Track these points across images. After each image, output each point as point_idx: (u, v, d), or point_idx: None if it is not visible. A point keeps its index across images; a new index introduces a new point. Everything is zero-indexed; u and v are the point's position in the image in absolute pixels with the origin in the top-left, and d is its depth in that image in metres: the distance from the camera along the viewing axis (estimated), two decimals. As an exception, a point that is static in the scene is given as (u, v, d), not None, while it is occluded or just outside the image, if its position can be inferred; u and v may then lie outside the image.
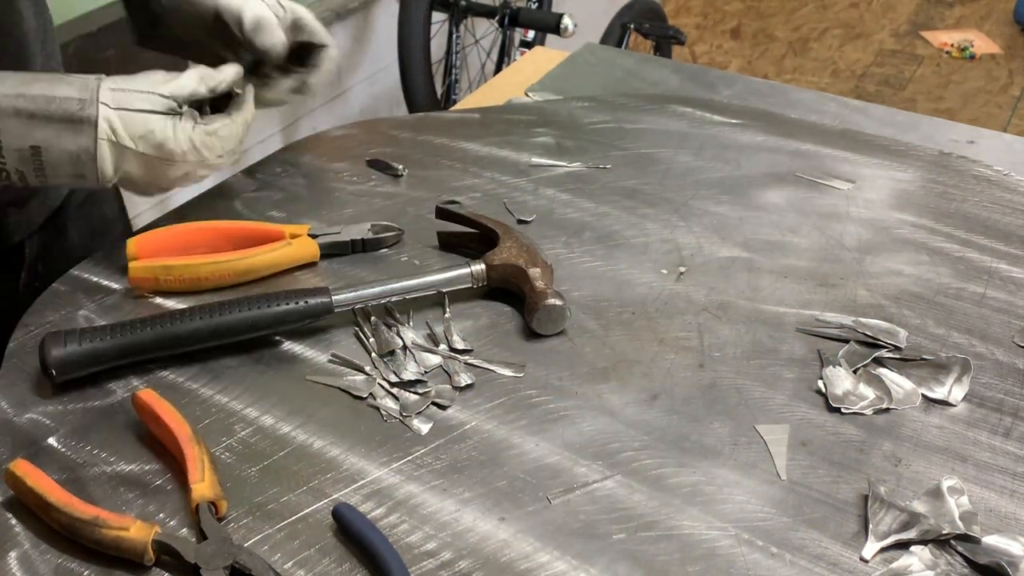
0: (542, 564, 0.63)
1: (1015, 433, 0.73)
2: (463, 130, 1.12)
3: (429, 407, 0.75)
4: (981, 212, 0.98)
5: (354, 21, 2.56)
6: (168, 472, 0.69)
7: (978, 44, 3.83)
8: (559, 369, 0.78)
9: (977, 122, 2.34)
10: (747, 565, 0.63)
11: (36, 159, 0.78)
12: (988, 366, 0.79)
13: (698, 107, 1.18)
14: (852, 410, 0.74)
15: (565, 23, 2.36)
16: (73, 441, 0.71)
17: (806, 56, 3.82)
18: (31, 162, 0.78)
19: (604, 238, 0.94)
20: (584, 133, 1.12)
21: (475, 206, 0.97)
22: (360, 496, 0.67)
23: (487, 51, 2.89)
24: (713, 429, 0.73)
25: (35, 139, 0.78)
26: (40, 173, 0.79)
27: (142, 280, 0.84)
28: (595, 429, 0.73)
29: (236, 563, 0.61)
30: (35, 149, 0.78)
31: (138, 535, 0.62)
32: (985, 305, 0.86)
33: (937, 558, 0.64)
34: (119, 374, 0.77)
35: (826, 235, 0.95)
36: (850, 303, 0.86)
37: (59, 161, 0.79)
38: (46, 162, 0.79)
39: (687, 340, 0.81)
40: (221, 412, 0.74)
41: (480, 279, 0.84)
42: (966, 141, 1.15)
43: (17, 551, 0.63)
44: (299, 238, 0.88)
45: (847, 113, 1.22)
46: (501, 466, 0.70)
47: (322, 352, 0.80)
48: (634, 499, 0.67)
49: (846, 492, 0.68)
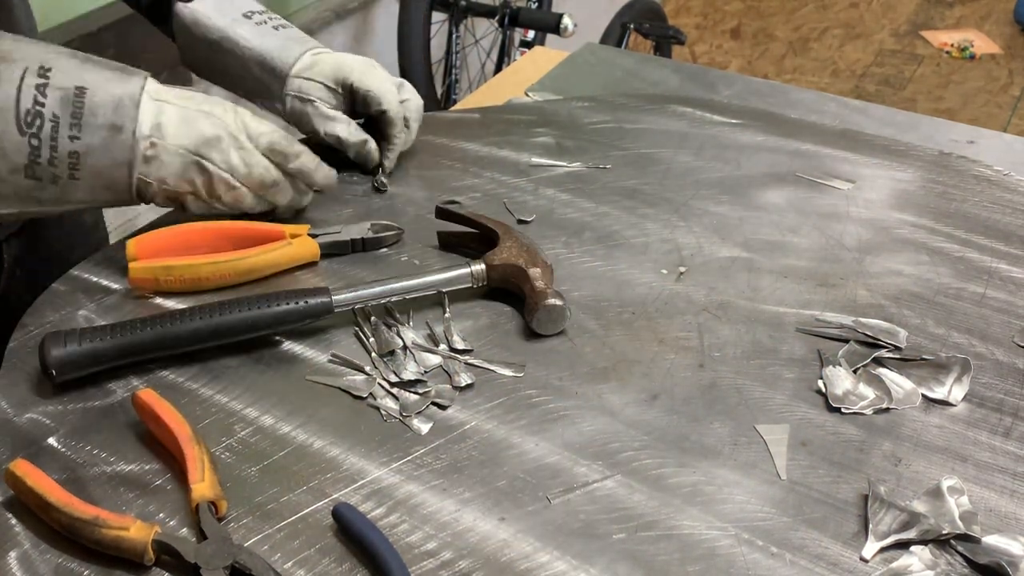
0: (542, 564, 0.63)
1: (1015, 433, 0.73)
2: (463, 130, 1.12)
3: (429, 407, 0.75)
4: (981, 212, 0.98)
5: (354, 21, 2.56)
6: (168, 472, 0.69)
7: (978, 44, 3.83)
8: (559, 369, 0.78)
9: (977, 122, 2.34)
10: (747, 565, 0.63)
11: (79, 101, 0.78)
12: (988, 366, 0.79)
13: (698, 107, 1.18)
14: (852, 410, 0.74)
15: (565, 23, 2.36)
16: (73, 441, 0.71)
17: (806, 56, 3.82)
18: (72, 104, 0.78)
19: (604, 238, 0.94)
20: (584, 133, 1.12)
21: (475, 206, 0.97)
22: (360, 496, 0.67)
23: (487, 51, 2.89)
24: (713, 429, 0.73)
25: (83, 80, 0.78)
26: (76, 120, 0.78)
27: (142, 281, 0.84)
28: (595, 429, 0.73)
29: (236, 563, 0.61)
30: (80, 90, 0.78)
31: (138, 535, 0.62)
32: (985, 305, 0.86)
33: (937, 558, 0.64)
34: (119, 374, 0.77)
35: (826, 235, 0.95)
36: (850, 303, 0.86)
37: (101, 105, 0.78)
38: (87, 105, 0.78)
39: (687, 340, 0.81)
40: (221, 412, 0.74)
41: (480, 279, 0.84)
42: (966, 141, 1.15)
43: (17, 551, 0.63)
44: (299, 238, 0.88)
45: (847, 113, 1.22)
46: (501, 466, 0.70)
47: (322, 352, 0.80)
48: (634, 499, 0.67)
49: (846, 492, 0.68)
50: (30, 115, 0.76)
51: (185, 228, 0.89)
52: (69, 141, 0.78)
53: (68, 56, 0.80)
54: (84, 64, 0.80)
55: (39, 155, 0.77)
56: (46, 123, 0.77)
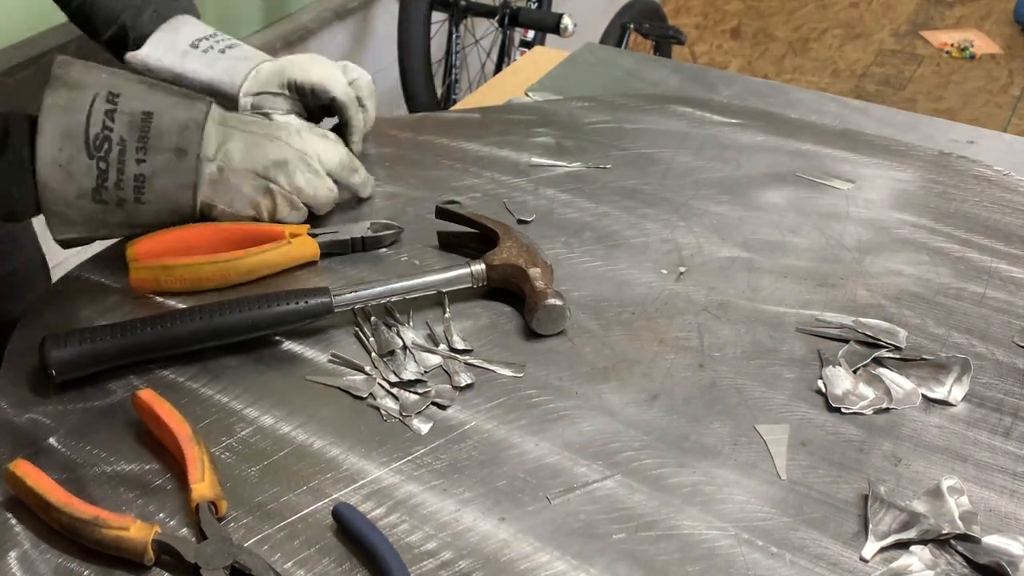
0: (542, 564, 0.63)
1: (1015, 433, 0.73)
2: (463, 130, 1.12)
3: (429, 407, 0.75)
4: (981, 212, 0.98)
5: (354, 21, 2.56)
6: (168, 472, 0.69)
7: (978, 44, 3.83)
8: (559, 369, 0.78)
9: (977, 122, 2.34)
10: (747, 565, 0.63)
11: (145, 125, 0.80)
12: (988, 366, 0.79)
13: (698, 107, 1.18)
14: (852, 410, 0.74)
15: (565, 23, 2.35)
16: (73, 441, 0.71)
17: (806, 56, 3.82)
18: (139, 128, 0.80)
19: (604, 238, 0.94)
20: (584, 133, 1.12)
21: (475, 206, 0.97)
22: (360, 496, 0.67)
23: (487, 51, 2.89)
24: (713, 429, 0.73)
25: (151, 104, 0.81)
26: (143, 143, 0.80)
27: (143, 281, 0.84)
28: (595, 429, 0.73)
29: (236, 563, 0.61)
30: (147, 115, 0.81)
31: (138, 535, 0.62)
32: (985, 305, 0.86)
33: (937, 558, 0.64)
34: (119, 374, 0.77)
35: (826, 235, 0.95)
36: (850, 303, 0.86)
37: (167, 129, 0.81)
38: (154, 128, 0.81)
39: (687, 340, 0.81)
40: (221, 412, 0.74)
41: (480, 279, 0.84)
42: (966, 141, 1.15)
43: (17, 551, 0.63)
44: (299, 237, 0.88)
45: (847, 113, 1.22)
46: (501, 466, 0.70)
47: (322, 352, 0.80)
48: (634, 499, 0.67)
49: (846, 492, 0.68)
50: (99, 139, 0.79)
51: (185, 228, 0.89)
52: (136, 164, 0.81)
53: (136, 82, 0.82)
54: (151, 90, 0.83)
55: (107, 178, 0.80)
56: (114, 147, 0.80)
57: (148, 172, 0.81)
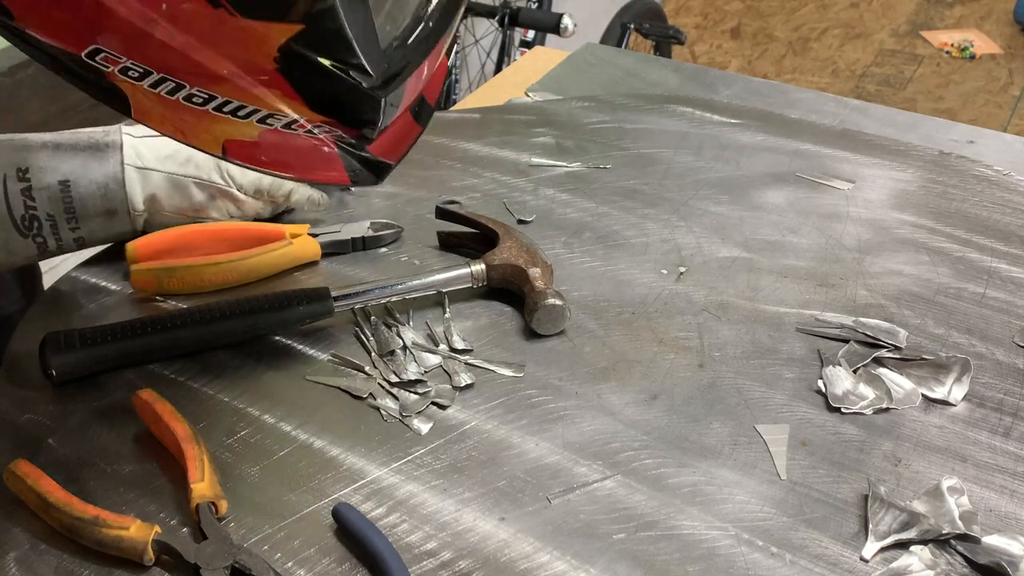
0: (542, 564, 0.63)
1: (1015, 433, 0.73)
2: (463, 130, 1.12)
3: (429, 407, 0.75)
4: (981, 212, 0.98)
5: (354, 21, 2.56)
6: (168, 472, 0.69)
7: (978, 44, 3.83)
8: (559, 369, 0.78)
9: (977, 122, 2.34)
10: (747, 565, 0.63)
11: (66, 195, 0.79)
12: (988, 366, 0.79)
13: (698, 107, 1.18)
14: (852, 410, 0.74)
15: (565, 23, 2.35)
16: (73, 441, 0.71)
17: (806, 56, 3.82)
18: (61, 201, 0.79)
19: (604, 238, 0.94)
20: (584, 133, 1.12)
21: (475, 206, 0.97)
22: (360, 496, 0.67)
23: (487, 51, 2.89)
24: (713, 429, 0.73)
25: (63, 172, 0.79)
26: (71, 215, 0.79)
27: (145, 283, 0.84)
28: (595, 429, 0.73)
29: (236, 563, 0.61)
30: (64, 184, 0.79)
31: (138, 535, 0.62)
32: (985, 305, 0.86)
33: (937, 558, 0.64)
34: (119, 374, 0.77)
35: (826, 235, 0.95)
36: (850, 303, 0.86)
37: (88, 194, 0.80)
38: (76, 197, 0.79)
39: (687, 340, 0.81)
40: (221, 411, 0.74)
41: (480, 279, 0.84)
42: (966, 141, 1.15)
43: (17, 551, 0.63)
44: (299, 237, 0.88)
45: (847, 113, 1.22)
46: (501, 466, 0.70)
47: (322, 352, 0.80)
48: (634, 499, 0.67)
49: (846, 492, 0.68)
50: (26, 220, 0.78)
51: (185, 230, 0.89)
52: (71, 231, 0.81)
53: (39, 148, 0.79)
54: (56, 153, 0.79)
55: (47, 246, 0.81)
56: (44, 223, 0.79)
57: (86, 234, 0.82)
